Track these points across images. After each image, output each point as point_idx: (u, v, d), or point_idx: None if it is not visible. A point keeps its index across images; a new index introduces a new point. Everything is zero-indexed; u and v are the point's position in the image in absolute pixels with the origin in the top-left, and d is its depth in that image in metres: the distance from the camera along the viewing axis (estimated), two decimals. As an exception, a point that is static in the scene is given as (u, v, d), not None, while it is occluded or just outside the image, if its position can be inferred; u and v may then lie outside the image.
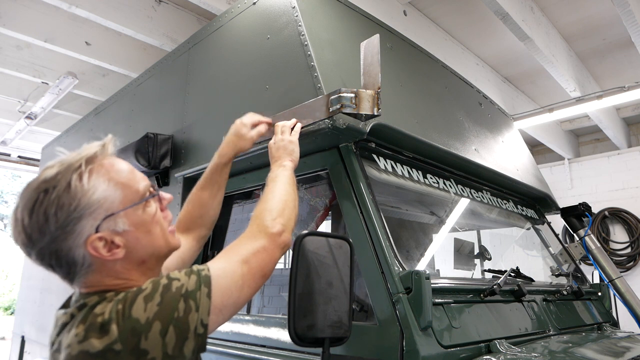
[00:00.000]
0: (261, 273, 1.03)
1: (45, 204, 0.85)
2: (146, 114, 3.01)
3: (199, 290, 0.89)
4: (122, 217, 0.92)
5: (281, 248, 1.09)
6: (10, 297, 14.66)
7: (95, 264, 0.90)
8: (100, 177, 0.91)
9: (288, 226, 1.14)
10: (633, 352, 1.90)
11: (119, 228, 0.91)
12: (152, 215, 0.98)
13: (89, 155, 0.92)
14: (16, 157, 8.06)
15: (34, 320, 4.17)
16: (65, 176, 0.87)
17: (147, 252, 0.96)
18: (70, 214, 0.85)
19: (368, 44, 1.59)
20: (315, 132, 1.64)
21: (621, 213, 6.77)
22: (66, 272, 0.90)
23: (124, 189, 0.93)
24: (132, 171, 0.99)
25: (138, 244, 0.94)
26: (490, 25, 4.68)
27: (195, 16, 4.54)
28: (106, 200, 0.89)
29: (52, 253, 0.87)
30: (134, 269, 0.95)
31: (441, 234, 2.51)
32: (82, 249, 0.87)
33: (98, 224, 0.88)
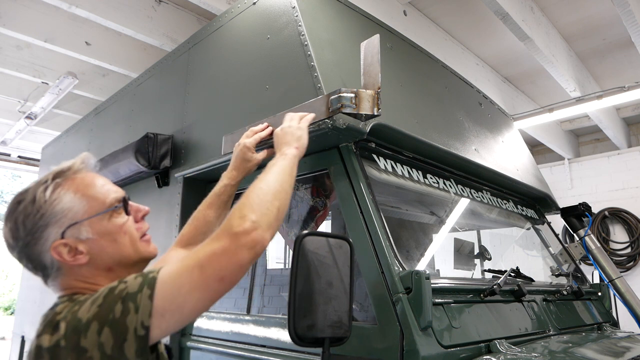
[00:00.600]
0: (217, 277, 0.93)
1: (16, 213, 0.98)
2: (146, 114, 3.01)
3: (140, 292, 0.89)
4: (86, 226, 0.99)
5: (248, 248, 0.96)
6: (10, 297, 14.66)
7: (63, 268, 0.99)
8: (66, 189, 1.00)
9: (262, 222, 1.00)
10: (633, 352, 1.90)
11: (82, 236, 0.99)
12: (119, 225, 1.04)
13: (57, 171, 1.03)
14: (16, 157, 8.06)
15: (34, 320, 4.16)
16: (33, 189, 1.00)
17: (114, 260, 1.03)
18: (37, 222, 0.96)
19: (368, 44, 1.59)
20: (315, 132, 1.64)
21: (621, 213, 6.77)
22: (42, 274, 1.01)
23: (90, 200, 1.02)
24: (103, 185, 1.07)
25: (102, 251, 1.01)
26: (490, 25, 4.68)
27: (195, 16, 4.54)
28: (70, 210, 0.98)
29: (26, 257, 0.99)
30: (101, 274, 1.02)
31: (441, 234, 2.51)
32: (49, 254, 0.97)
33: (62, 231, 0.97)
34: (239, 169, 1.59)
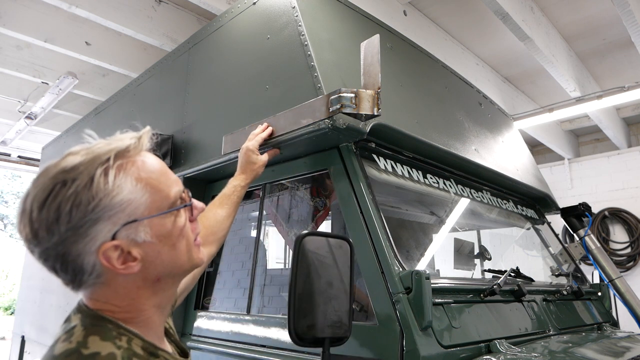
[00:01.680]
0: None
1: (59, 198, 0.71)
2: (146, 114, 3.01)
3: None
4: (146, 226, 0.78)
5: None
6: (10, 297, 14.67)
7: (105, 276, 0.78)
8: (129, 176, 0.77)
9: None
10: (633, 352, 1.90)
11: (139, 238, 0.78)
12: (181, 228, 0.83)
13: (120, 149, 0.78)
14: (16, 157, 8.06)
15: (34, 320, 4.17)
16: (89, 169, 0.74)
17: (166, 269, 0.83)
18: (87, 214, 0.72)
19: (368, 44, 1.59)
20: (315, 132, 1.64)
21: (621, 213, 6.77)
22: (71, 279, 0.78)
23: (153, 193, 0.79)
24: (165, 173, 0.84)
25: (158, 258, 0.81)
26: (490, 25, 4.68)
27: (195, 16, 4.54)
28: (130, 204, 0.76)
29: (57, 256, 0.74)
30: (147, 286, 0.82)
31: (441, 234, 2.51)
32: (94, 257, 0.75)
33: (116, 229, 0.75)
34: (246, 172, 1.64)
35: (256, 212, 2.21)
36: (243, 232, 2.71)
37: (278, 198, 2.62)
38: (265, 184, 2.11)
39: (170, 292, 0.90)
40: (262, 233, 2.30)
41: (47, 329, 3.79)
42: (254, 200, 2.36)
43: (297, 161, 1.95)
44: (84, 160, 0.74)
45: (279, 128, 1.75)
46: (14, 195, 19.93)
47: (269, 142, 1.75)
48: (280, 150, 1.80)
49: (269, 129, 1.76)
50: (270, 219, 2.78)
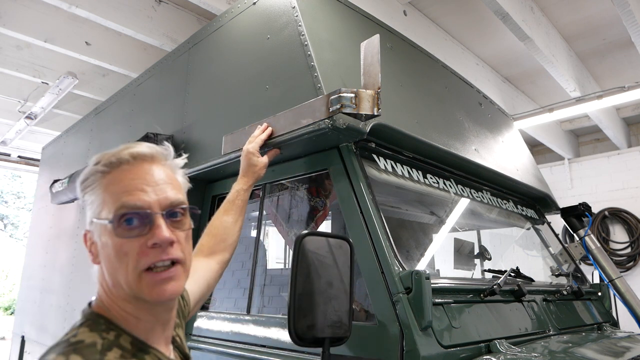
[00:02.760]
0: None
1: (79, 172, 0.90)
2: (146, 114, 3.01)
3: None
4: (97, 228, 0.85)
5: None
6: (10, 297, 14.66)
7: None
8: (108, 179, 0.86)
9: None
10: (633, 352, 1.90)
11: (95, 236, 0.87)
12: (118, 246, 0.82)
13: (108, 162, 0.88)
14: (16, 157, 8.07)
15: (34, 320, 4.17)
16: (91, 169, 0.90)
17: (112, 278, 0.84)
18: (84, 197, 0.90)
19: (368, 44, 1.59)
20: (315, 132, 1.64)
21: (621, 213, 6.77)
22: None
23: (105, 199, 0.85)
24: (137, 187, 0.84)
25: (104, 263, 0.86)
26: (490, 25, 4.68)
27: (195, 16, 4.54)
28: (93, 203, 0.87)
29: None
30: (114, 285, 0.85)
31: (441, 234, 2.51)
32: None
33: (90, 220, 0.88)
34: (248, 175, 1.65)
35: (256, 212, 2.21)
36: (243, 232, 2.71)
37: (278, 198, 2.62)
38: (265, 184, 2.11)
39: (144, 313, 0.87)
40: (262, 233, 2.30)
41: (47, 329, 3.79)
42: (254, 200, 2.36)
43: (297, 161, 1.95)
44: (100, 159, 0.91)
45: (279, 128, 1.75)
46: (14, 195, 19.92)
47: (269, 142, 1.76)
48: (280, 151, 1.80)
49: (269, 130, 1.76)
50: (270, 219, 2.78)
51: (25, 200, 19.49)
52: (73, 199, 3.55)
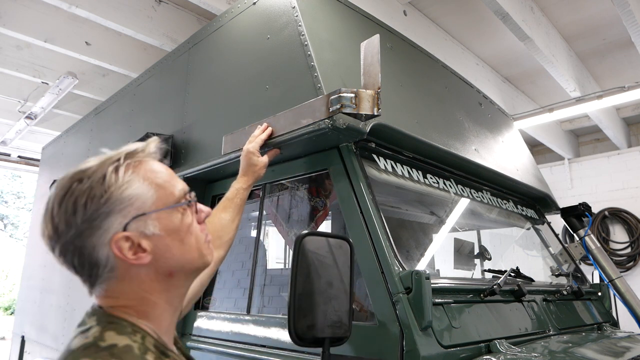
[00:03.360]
0: None
1: (76, 193, 0.79)
2: (146, 114, 3.01)
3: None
4: (154, 220, 0.84)
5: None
6: (10, 297, 14.67)
7: (118, 269, 0.83)
8: (136, 174, 0.85)
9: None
10: (633, 352, 1.90)
11: (149, 231, 0.83)
12: (187, 224, 0.89)
13: (129, 151, 0.87)
14: (16, 157, 8.07)
15: (34, 320, 4.17)
16: (102, 168, 0.82)
17: (178, 264, 0.88)
18: (100, 207, 0.80)
19: (368, 44, 1.59)
20: (315, 132, 1.64)
21: (621, 213, 6.77)
22: (88, 274, 0.84)
23: (159, 189, 0.86)
24: (171, 175, 0.92)
25: (168, 251, 0.86)
26: (490, 25, 4.68)
27: (195, 16, 4.54)
28: (138, 199, 0.83)
29: (75, 249, 0.81)
30: (159, 280, 0.87)
31: (441, 234, 2.51)
32: (107, 248, 0.81)
33: (127, 222, 0.81)
34: (248, 174, 1.65)
35: (256, 212, 2.21)
36: (243, 232, 2.71)
37: (278, 198, 2.62)
38: (265, 184, 2.11)
39: (182, 290, 0.94)
40: (262, 233, 2.30)
41: (47, 329, 3.79)
42: (254, 200, 2.36)
43: (297, 161, 1.95)
44: (97, 162, 0.84)
45: (279, 128, 1.75)
46: (14, 195, 19.93)
47: (269, 142, 1.76)
48: (280, 150, 1.80)
49: (269, 130, 1.77)
50: (270, 219, 2.78)
51: (25, 200, 19.50)
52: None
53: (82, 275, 0.85)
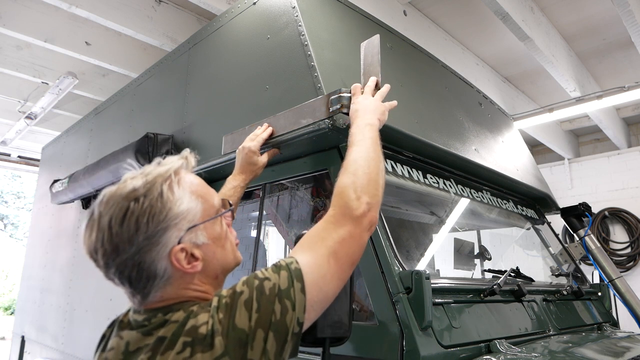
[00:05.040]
0: (350, 262, 0.98)
1: (137, 212, 0.83)
2: (146, 113, 3.01)
3: (292, 287, 0.86)
4: (202, 230, 0.91)
5: (368, 230, 1.03)
6: (10, 297, 14.66)
7: (174, 277, 0.88)
8: (184, 189, 0.91)
9: (374, 203, 1.05)
10: (633, 352, 1.90)
11: (199, 241, 0.90)
12: (225, 230, 0.98)
13: (177, 167, 0.93)
14: (16, 157, 8.07)
15: (34, 320, 4.17)
16: (156, 185, 0.87)
17: (221, 266, 0.96)
18: (159, 224, 0.84)
19: (368, 44, 1.59)
20: (315, 132, 1.64)
21: (621, 213, 6.77)
22: (142, 286, 0.87)
23: (204, 202, 0.93)
24: (207, 186, 0.99)
25: (214, 257, 0.94)
26: (490, 25, 4.68)
27: (195, 16, 4.54)
28: (189, 212, 0.89)
29: (134, 265, 0.84)
30: (209, 282, 0.94)
31: (441, 234, 2.51)
32: (165, 261, 0.86)
33: (181, 235, 0.87)
34: (246, 172, 1.65)
35: (256, 212, 2.21)
36: (243, 232, 2.71)
37: (278, 198, 2.62)
38: (265, 184, 2.11)
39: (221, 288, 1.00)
40: (262, 233, 2.30)
41: (47, 329, 3.79)
42: (254, 200, 2.36)
43: (297, 161, 1.95)
44: (149, 179, 0.88)
45: (279, 128, 1.75)
46: (14, 195, 19.92)
47: (269, 142, 1.76)
48: (280, 150, 1.80)
49: (269, 129, 1.77)
50: (270, 219, 2.78)
51: (25, 200, 19.50)
52: (73, 199, 3.55)
53: (136, 288, 0.88)
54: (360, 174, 1.09)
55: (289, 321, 0.83)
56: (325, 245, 0.95)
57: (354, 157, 1.14)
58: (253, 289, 0.84)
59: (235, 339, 0.79)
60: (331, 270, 0.93)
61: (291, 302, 0.84)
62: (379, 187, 1.11)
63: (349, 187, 1.05)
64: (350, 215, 1.01)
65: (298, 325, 0.85)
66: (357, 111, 1.36)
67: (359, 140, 1.21)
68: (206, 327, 0.79)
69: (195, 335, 0.79)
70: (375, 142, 1.22)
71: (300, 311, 0.85)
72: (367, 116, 1.32)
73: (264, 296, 0.83)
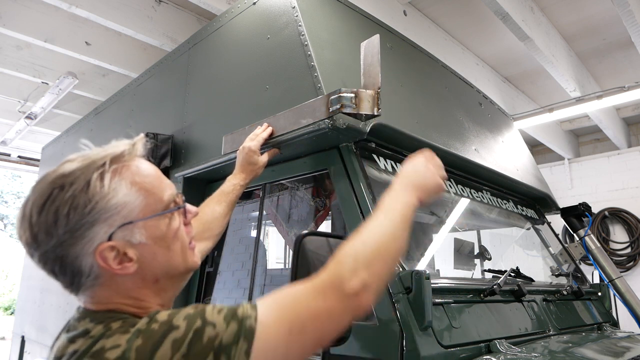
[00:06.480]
0: (317, 339, 0.81)
1: (57, 202, 0.75)
2: (146, 114, 3.01)
3: (235, 344, 0.72)
4: (140, 228, 0.81)
5: (353, 312, 0.84)
6: (10, 297, 14.67)
7: (102, 277, 0.79)
8: (123, 179, 0.80)
9: (372, 285, 0.85)
10: (633, 352, 1.90)
11: (135, 239, 0.80)
12: (175, 230, 0.86)
13: (115, 154, 0.82)
14: (16, 157, 8.07)
15: (34, 320, 4.17)
16: (86, 173, 0.77)
17: (162, 270, 0.85)
18: (84, 217, 0.75)
19: (368, 44, 1.59)
20: (315, 132, 1.64)
21: (621, 213, 6.77)
22: (69, 282, 0.80)
23: (147, 196, 0.82)
24: (159, 177, 0.88)
25: (154, 259, 0.83)
26: (490, 25, 4.68)
27: (195, 16, 4.54)
28: (125, 207, 0.79)
29: (56, 258, 0.77)
30: (147, 287, 0.84)
31: (441, 234, 2.51)
32: (91, 258, 0.77)
33: (112, 231, 0.78)
34: (246, 172, 1.64)
35: (256, 212, 2.21)
36: (243, 232, 2.71)
37: (278, 198, 2.62)
38: (265, 184, 2.11)
39: (171, 293, 0.92)
40: (262, 233, 2.30)
41: (47, 329, 3.79)
42: (254, 200, 2.36)
43: (297, 161, 1.95)
44: (80, 166, 0.78)
45: (279, 128, 1.75)
46: (14, 195, 19.93)
47: (269, 142, 1.76)
48: (280, 150, 1.80)
49: (269, 129, 1.77)
50: (270, 219, 2.78)
51: (25, 200, 19.47)
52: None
53: (63, 282, 0.81)
54: (370, 245, 0.91)
55: None
56: (294, 313, 0.79)
57: (372, 225, 0.97)
58: (191, 329, 0.72)
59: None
60: (289, 345, 0.77)
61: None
62: (386, 271, 0.91)
63: (349, 255, 0.88)
64: (338, 288, 0.82)
65: None
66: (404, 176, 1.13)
67: (388, 209, 1.03)
68: (116, 351, 0.69)
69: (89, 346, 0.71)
70: (404, 219, 1.03)
71: None
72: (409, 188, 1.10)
73: (198, 343, 0.71)
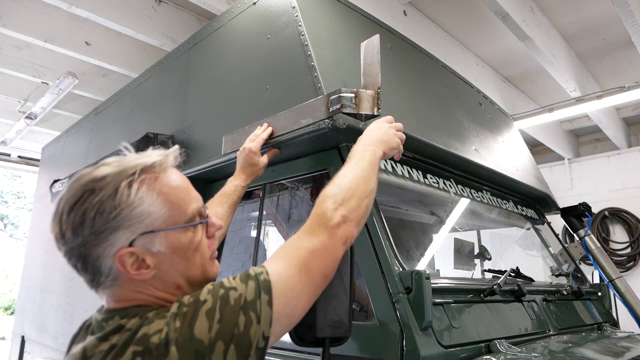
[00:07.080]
0: (322, 275, 0.94)
1: (86, 204, 0.80)
2: (146, 113, 3.01)
3: (258, 299, 0.81)
4: (161, 237, 0.85)
5: (342, 244, 0.99)
6: (10, 297, 14.67)
7: (120, 279, 0.84)
8: (150, 190, 0.84)
9: (351, 217, 1.01)
10: (633, 352, 1.90)
11: (154, 248, 0.84)
12: (196, 242, 0.90)
13: (147, 165, 0.86)
14: (16, 157, 8.07)
15: (34, 320, 4.17)
16: (116, 180, 0.82)
17: (182, 278, 0.89)
18: (108, 221, 0.80)
19: (368, 44, 1.59)
20: (315, 132, 1.64)
21: (621, 213, 6.77)
22: (90, 279, 0.85)
23: (172, 207, 0.86)
24: (186, 190, 0.92)
25: (171, 268, 0.87)
26: (490, 25, 4.68)
27: (195, 16, 4.54)
28: (149, 216, 0.83)
29: (80, 256, 0.82)
30: (168, 291, 0.87)
31: (441, 234, 2.51)
32: (110, 261, 0.82)
33: (134, 238, 0.82)
34: (247, 172, 1.65)
35: (256, 212, 2.21)
36: (243, 232, 2.71)
37: (278, 198, 2.62)
38: (265, 184, 2.11)
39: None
40: (262, 233, 2.30)
41: (47, 329, 3.79)
42: (254, 200, 2.36)
43: (297, 161, 1.95)
44: (112, 172, 0.83)
45: (279, 128, 1.75)
46: (14, 195, 19.93)
47: (269, 142, 1.76)
48: (280, 151, 1.80)
49: (269, 129, 1.77)
50: (270, 219, 2.78)
51: (25, 200, 19.50)
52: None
53: (85, 278, 0.86)
54: (345, 187, 1.06)
55: (253, 335, 0.79)
56: (297, 256, 0.91)
57: (344, 172, 1.12)
58: (217, 298, 0.80)
59: (192, 350, 0.73)
60: (301, 283, 0.89)
61: (256, 314, 0.80)
62: (362, 206, 1.06)
63: (329, 197, 1.03)
64: (325, 225, 0.97)
65: (263, 339, 0.81)
66: (370, 133, 1.32)
67: (357, 158, 1.19)
68: (159, 335, 0.74)
69: (147, 344, 0.74)
70: (372, 166, 1.18)
71: (265, 325, 0.81)
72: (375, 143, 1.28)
73: (227, 306, 0.78)
